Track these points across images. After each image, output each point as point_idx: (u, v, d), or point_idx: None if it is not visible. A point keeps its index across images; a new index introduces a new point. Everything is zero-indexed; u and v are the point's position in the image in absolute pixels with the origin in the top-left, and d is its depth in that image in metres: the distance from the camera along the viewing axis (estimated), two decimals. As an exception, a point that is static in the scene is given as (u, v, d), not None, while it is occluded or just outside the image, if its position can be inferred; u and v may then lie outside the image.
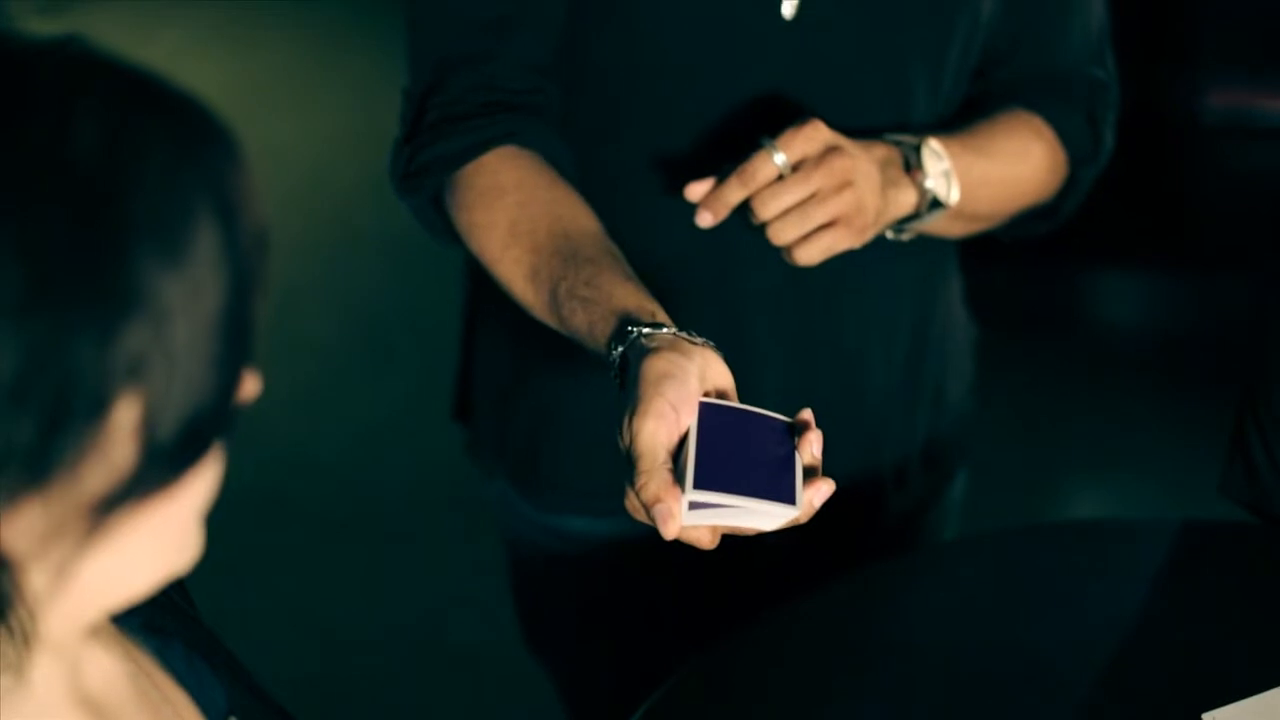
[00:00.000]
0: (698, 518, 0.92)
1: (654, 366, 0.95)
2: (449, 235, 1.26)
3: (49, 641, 0.67)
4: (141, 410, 0.62)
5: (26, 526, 0.61)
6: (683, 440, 0.93)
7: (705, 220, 1.15)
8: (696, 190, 1.16)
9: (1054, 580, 1.32)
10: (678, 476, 0.91)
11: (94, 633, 0.75)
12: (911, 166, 1.21)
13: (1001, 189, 1.30)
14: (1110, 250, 3.34)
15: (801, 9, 1.18)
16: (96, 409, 0.60)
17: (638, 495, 0.91)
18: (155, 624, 0.82)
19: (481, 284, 1.38)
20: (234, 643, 0.91)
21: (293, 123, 3.90)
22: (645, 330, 0.99)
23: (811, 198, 1.12)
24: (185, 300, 0.62)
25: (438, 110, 1.22)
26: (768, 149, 1.13)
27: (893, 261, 1.33)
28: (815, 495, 0.93)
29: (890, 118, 1.27)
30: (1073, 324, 3.25)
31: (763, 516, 0.92)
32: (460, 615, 2.52)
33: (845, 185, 1.12)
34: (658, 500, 0.89)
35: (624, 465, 0.93)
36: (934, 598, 1.31)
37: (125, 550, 0.66)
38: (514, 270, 1.16)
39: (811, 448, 0.94)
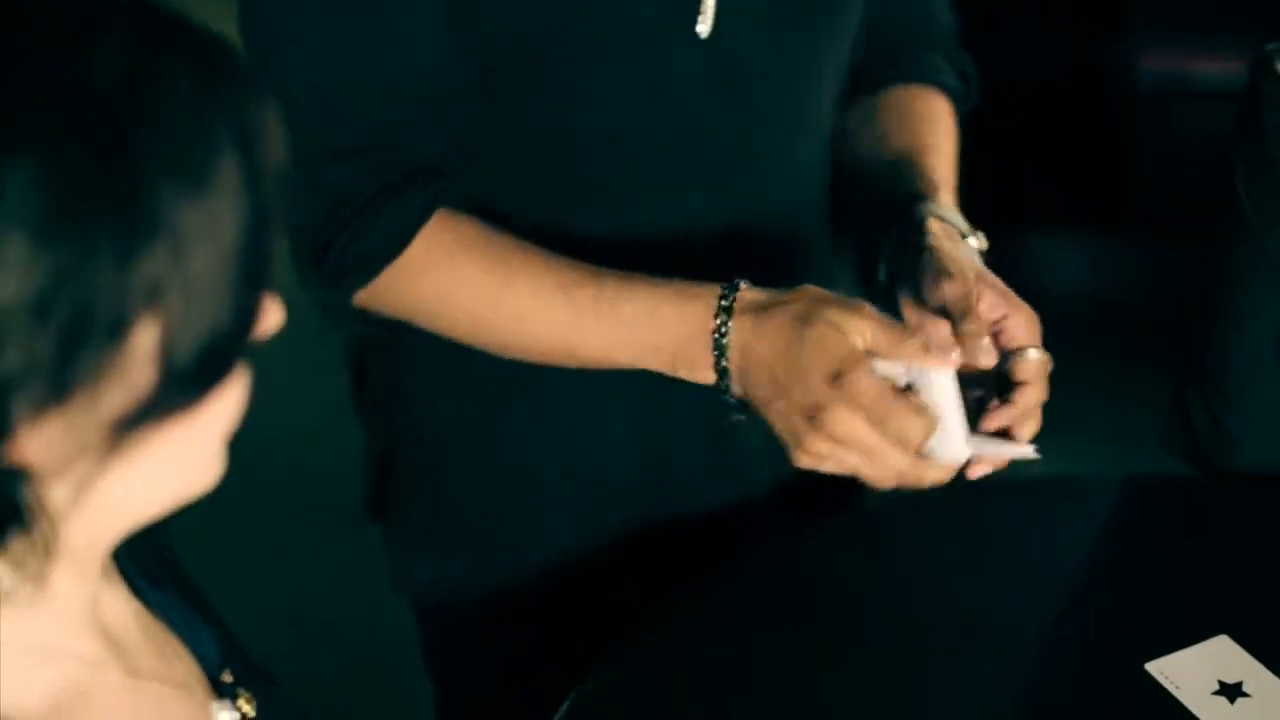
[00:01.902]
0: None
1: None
2: (362, 318, 1.21)
3: (71, 556, 0.70)
4: (160, 333, 0.64)
5: (48, 442, 0.64)
6: None
7: None
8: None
9: (999, 537, 1.33)
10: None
11: (106, 573, 0.78)
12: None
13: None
14: (1051, 215, 3.37)
15: (716, 27, 1.17)
16: (116, 330, 0.63)
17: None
18: (154, 576, 0.85)
19: (387, 369, 1.35)
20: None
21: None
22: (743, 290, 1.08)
23: None
24: (204, 228, 0.64)
25: (355, 194, 1.14)
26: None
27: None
28: None
29: (802, 127, 1.28)
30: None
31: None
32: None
33: None
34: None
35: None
36: (881, 555, 1.32)
37: (146, 468, 0.68)
38: (527, 295, 1.13)
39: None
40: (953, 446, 1.08)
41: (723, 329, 1.08)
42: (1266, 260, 1.35)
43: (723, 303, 1.08)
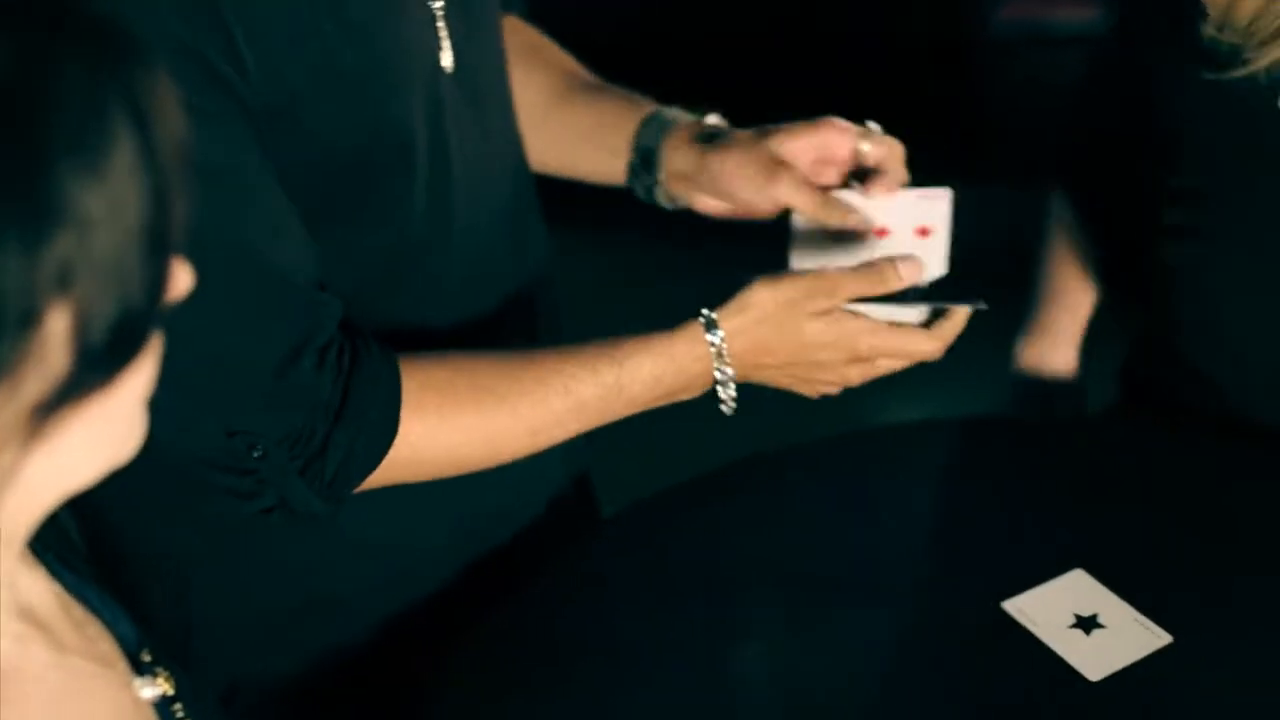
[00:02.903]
0: None
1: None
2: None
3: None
4: (72, 318, 0.64)
5: None
6: None
7: None
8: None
9: (849, 487, 1.34)
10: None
11: (23, 555, 0.78)
12: None
13: None
14: (919, 168, 3.41)
15: (455, 60, 1.19)
16: (28, 319, 0.62)
17: None
18: (69, 560, 0.85)
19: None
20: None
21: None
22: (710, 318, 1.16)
23: None
24: (108, 209, 0.63)
25: (321, 393, 1.08)
26: None
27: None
28: None
29: (514, 138, 1.33)
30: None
31: None
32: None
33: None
34: None
35: None
36: (748, 505, 1.33)
37: (68, 446, 0.68)
38: (538, 417, 1.14)
39: None
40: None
41: (722, 364, 1.16)
42: None
43: (712, 346, 1.16)
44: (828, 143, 1.29)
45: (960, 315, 1.22)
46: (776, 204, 1.28)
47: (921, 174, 1.33)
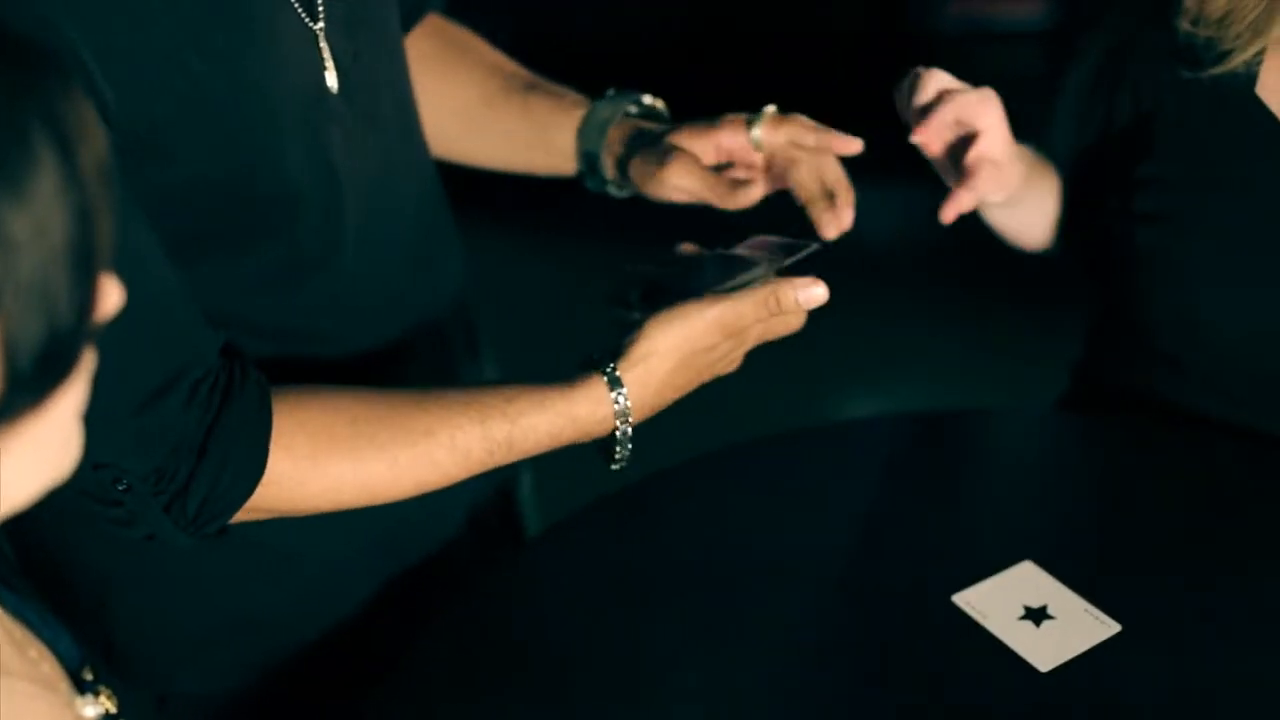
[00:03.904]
0: None
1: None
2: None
3: None
4: (0, 342, 0.63)
5: None
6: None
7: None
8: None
9: (795, 485, 1.34)
10: None
11: None
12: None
13: None
14: (868, 167, 3.41)
15: (341, 81, 1.18)
16: None
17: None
18: (6, 578, 0.85)
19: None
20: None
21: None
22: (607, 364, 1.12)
23: None
24: (32, 232, 0.63)
25: (187, 427, 1.06)
26: None
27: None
28: None
29: (415, 128, 1.32)
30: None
31: None
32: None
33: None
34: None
35: None
36: (695, 504, 1.33)
37: (3, 468, 0.68)
38: (422, 468, 1.11)
39: None
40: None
41: (626, 425, 1.13)
42: None
43: (616, 404, 1.12)
44: (720, 142, 1.30)
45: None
46: (676, 190, 1.29)
47: (870, 171, 1.34)
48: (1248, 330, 1.35)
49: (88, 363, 0.70)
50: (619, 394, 1.11)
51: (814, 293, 1.17)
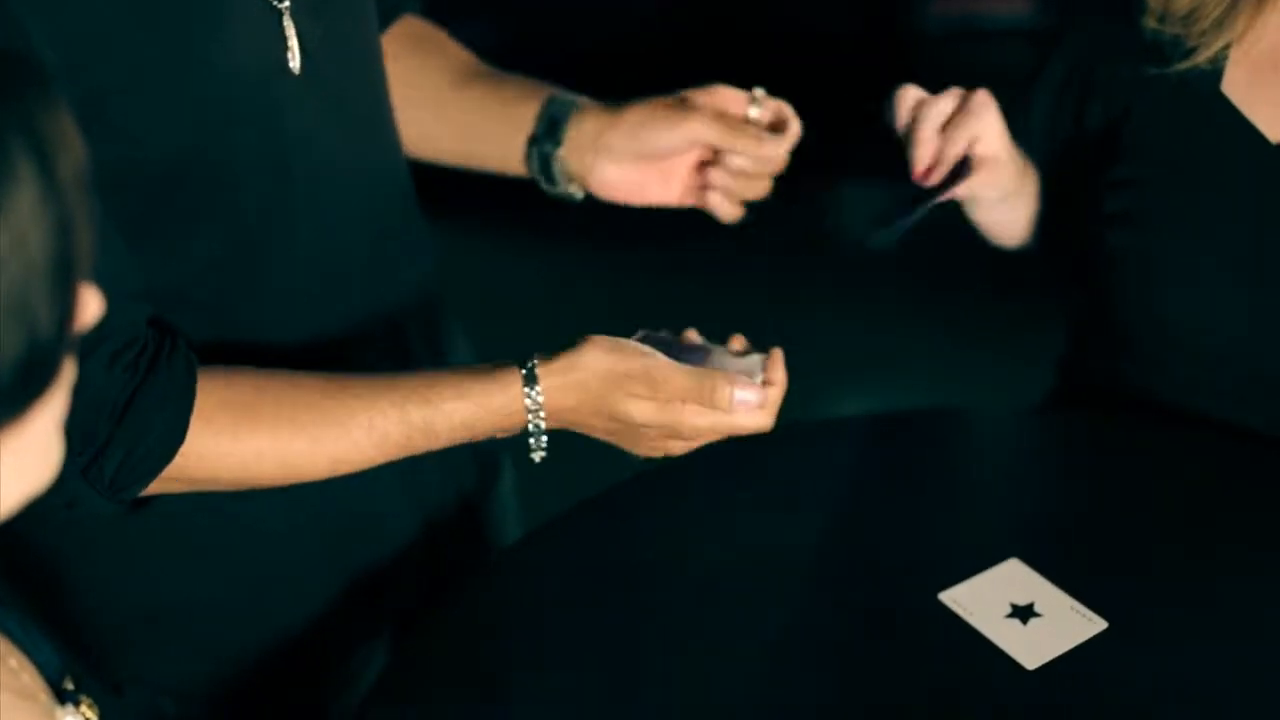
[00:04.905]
0: None
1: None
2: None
3: None
4: None
5: None
6: None
7: None
8: None
9: (784, 483, 1.34)
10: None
11: None
12: None
13: None
14: (850, 164, 3.41)
15: (304, 63, 1.17)
16: None
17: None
18: None
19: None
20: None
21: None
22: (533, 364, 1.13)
23: None
24: (10, 246, 0.62)
25: (111, 389, 1.06)
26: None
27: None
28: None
29: (384, 118, 1.31)
30: (821, 239, 3.32)
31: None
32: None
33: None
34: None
35: None
36: (680, 504, 1.33)
37: None
38: (341, 448, 1.13)
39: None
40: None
41: (538, 417, 1.14)
42: None
43: (529, 399, 1.13)
44: (725, 101, 1.33)
45: (779, 377, 1.19)
46: (691, 140, 1.31)
47: (856, 170, 1.35)
48: (1218, 328, 1.35)
49: (68, 374, 0.69)
50: (534, 391, 1.13)
51: (746, 396, 1.14)
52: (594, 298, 3.23)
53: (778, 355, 1.21)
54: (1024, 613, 1.17)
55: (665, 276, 3.21)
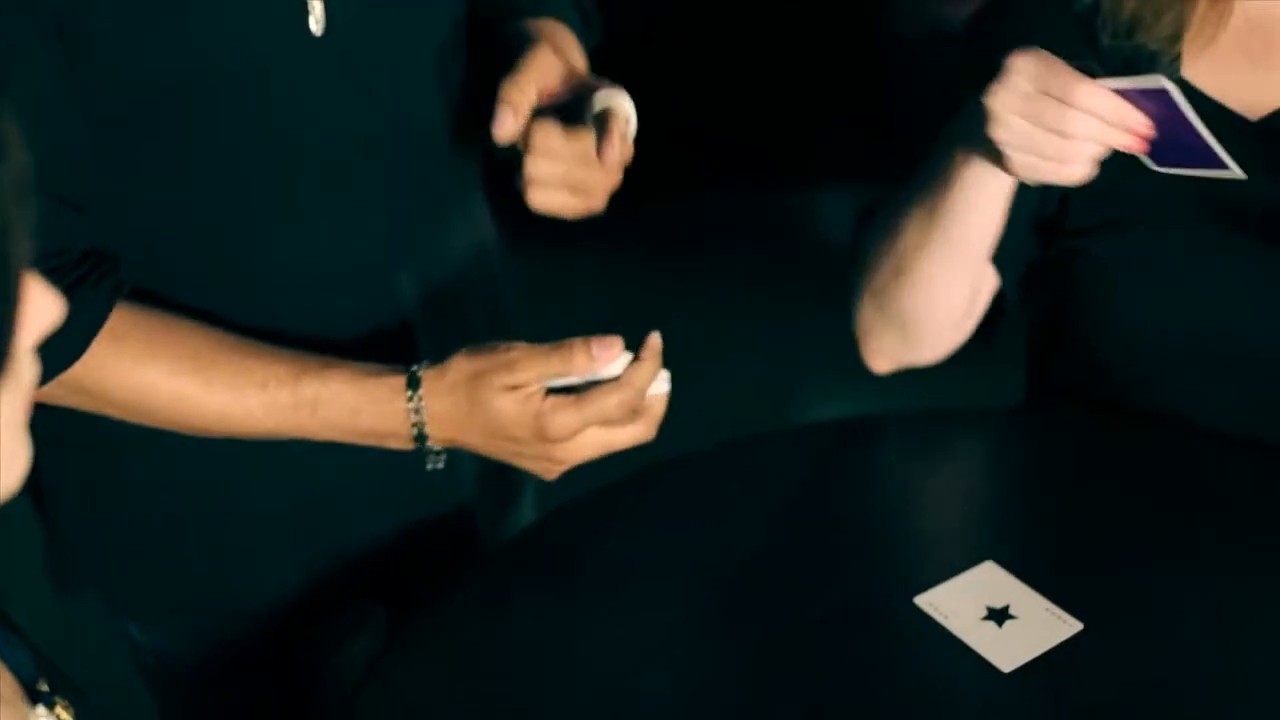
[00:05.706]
0: None
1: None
2: None
3: None
4: None
5: None
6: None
7: None
8: None
9: (758, 487, 1.34)
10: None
11: None
12: None
13: None
14: (830, 168, 3.42)
15: (327, 26, 1.17)
16: None
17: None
18: None
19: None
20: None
21: None
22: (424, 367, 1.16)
23: None
24: None
25: None
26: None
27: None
28: None
29: (416, 98, 1.28)
30: (797, 243, 3.33)
31: None
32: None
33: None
34: None
35: None
36: (656, 506, 1.33)
37: None
38: (228, 398, 1.16)
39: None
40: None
41: (419, 420, 1.17)
42: None
43: (410, 401, 1.16)
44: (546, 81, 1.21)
45: (662, 386, 1.17)
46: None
47: (832, 172, 1.34)
48: (1172, 327, 1.35)
49: (22, 375, 0.68)
50: (414, 392, 1.16)
51: (604, 349, 1.13)
52: (571, 304, 3.23)
53: (644, 358, 1.15)
54: (999, 615, 1.17)
55: (641, 280, 3.21)
